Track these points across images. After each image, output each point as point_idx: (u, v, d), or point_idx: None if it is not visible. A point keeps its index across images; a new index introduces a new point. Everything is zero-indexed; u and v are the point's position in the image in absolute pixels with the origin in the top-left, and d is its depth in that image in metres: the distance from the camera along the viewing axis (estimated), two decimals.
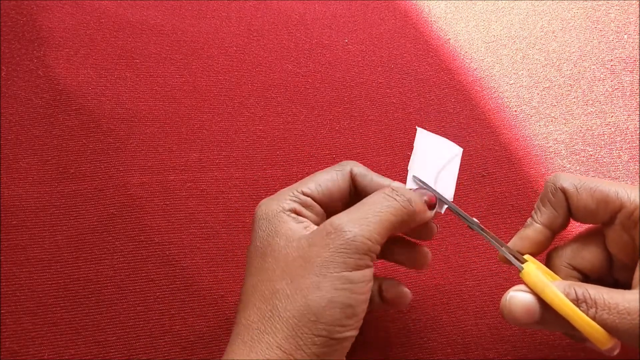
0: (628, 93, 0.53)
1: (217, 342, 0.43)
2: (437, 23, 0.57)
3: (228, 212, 0.48)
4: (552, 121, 0.52)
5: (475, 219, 0.36)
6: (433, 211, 0.36)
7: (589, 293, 0.31)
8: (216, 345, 0.43)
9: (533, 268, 0.33)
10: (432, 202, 0.36)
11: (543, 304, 0.32)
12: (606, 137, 0.51)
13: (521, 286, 0.33)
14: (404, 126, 0.52)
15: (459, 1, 0.58)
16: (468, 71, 0.55)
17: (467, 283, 0.45)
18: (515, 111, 0.52)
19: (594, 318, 0.30)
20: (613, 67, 0.54)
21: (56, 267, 0.45)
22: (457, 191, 0.37)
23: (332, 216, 0.33)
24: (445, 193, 0.37)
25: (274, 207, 0.34)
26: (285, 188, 0.36)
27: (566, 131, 0.51)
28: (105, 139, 0.50)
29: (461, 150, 0.38)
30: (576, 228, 0.43)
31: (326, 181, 0.36)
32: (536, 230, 0.35)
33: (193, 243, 0.46)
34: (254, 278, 0.33)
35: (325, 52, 0.56)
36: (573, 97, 0.53)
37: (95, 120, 0.51)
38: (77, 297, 0.44)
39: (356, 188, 0.36)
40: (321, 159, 0.50)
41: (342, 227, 0.31)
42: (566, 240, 0.37)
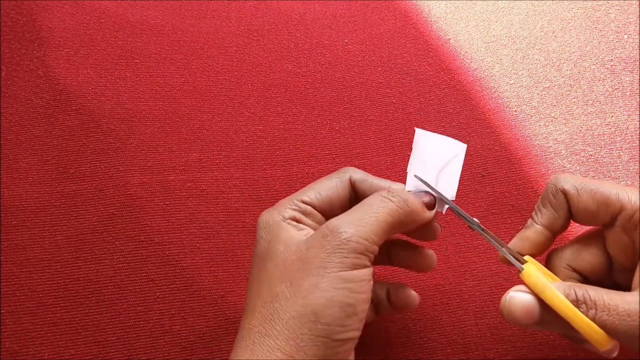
0: (628, 93, 0.53)
1: (217, 342, 0.43)
2: (437, 23, 0.57)
3: (228, 212, 0.48)
4: (552, 121, 0.52)
5: (475, 219, 0.36)
6: (433, 211, 0.36)
7: (589, 294, 0.31)
8: (216, 345, 0.43)
9: (533, 269, 0.33)
10: (431, 203, 0.36)
11: (543, 305, 0.32)
12: (606, 137, 0.51)
13: (521, 287, 0.33)
14: (404, 126, 0.52)
15: (459, 1, 0.58)
16: (468, 71, 0.55)
17: (467, 283, 0.45)
18: (515, 111, 0.52)
19: (594, 319, 0.30)
20: (613, 67, 0.54)
21: (56, 267, 0.45)
22: (457, 191, 0.37)
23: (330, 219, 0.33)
24: (446, 192, 0.37)
25: (275, 216, 0.34)
26: (285, 198, 0.36)
27: (566, 131, 0.51)
28: (105, 139, 0.50)
29: (465, 146, 0.38)
30: (576, 229, 0.43)
31: (326, 189, 0.36)
32: (536, 231, 0.35)
33: (193, 243, 0.46)
34: (255, 284, 0.33)
35: (325, 52, 0.56)
36: (573, 97, 0.53)
37: (95, 120, 0.51)
38: (77, 297, 0.44)
39: (356, 194, 0.37)
40: (321, 159, 0.50)
41: (338, 229, 0.31)
42: (566, 241, 0.37)
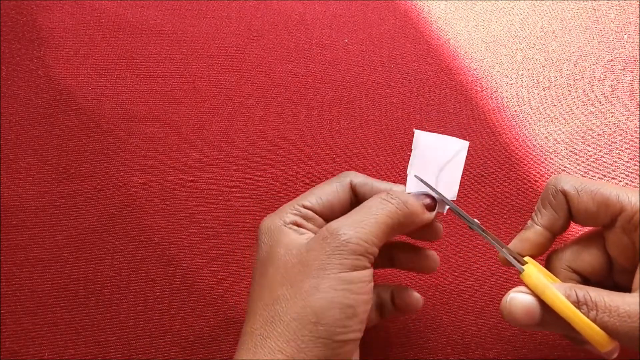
0: (628, 93, 0.53)
1: (217, 342, 0.43)
2: (437, 23, 0.57)
3: (228, 212, 0.48)
4: (552, 121, 0.52)
5: (476, 220, 0.36)
6: (433, 213, 0.36)
7: (590, 295, 0.31)
8: (216, 345, 0.43)
9: (534, 270, 0.33)
10: (431, 205, 0.36)
11: (543, 306, 0.32)
12: (606, 137, 0.51)
13: (522, 287, 0.33)
14: (404, 126, 0.52)
15: (459, 1, 0.58)
16: (468, 71, 0.55)
17: (467, 283, 0.45)
18: (515, 111, 0.52)
19: (595, 320, 0.30)
20: (613, 67, 0.54)
21: (56, 267, 0.45)
22: (458, 191, 0.37)
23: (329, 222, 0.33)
24: (448, 192, 0.37)
25: (276, 222, 0.35)
26: (286, 203, 0.36)
27: (566, 131, 0.51)
28: (105, 139, 0.50)
29: (467, 143, 0.38)
30: (576, 230, 0.43)
31: (326, 193, 0.36)
32: (536, 232, 0.35)
33: (193, 243, 0.46)
34: (257, 288, 0.33)
35: (325, 52, 0.56)
36: (573, 97, 0.53)
37: (95, 120, 0.51)
38: (77, 297, 0.44)
39: (357, 198, 0.37)
40: (321, 159, 0.50)
41: (338, 231, 0.32)
42: (566, 242, 0.37)
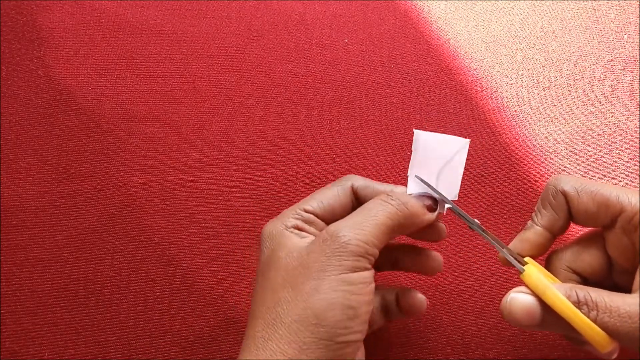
0: (628, 93, 0.53)
1: (217, 342, 0.43)
2: (437, 23, 0.57)
3: (228, 212, 0.48)
4: (552, 121, 0.52)
5: (476, 220, 0.36)
6: (434, 214, 0.36)
7: (590, 296, 0.31)
8: (216, 345, 0.43)
9: (534, 270, 0.33)
10: (432, 205, 0.36)
11: (544, 306, 0.32)
12: (606, 137, 0.51)
13: (522, 288, 0.33)
14: (404, 126, 0.52)
15: (459, 1, 0.58)
16: (468, 71, 0.55)
17: (467, 283, 0.45)
18: (515, 111, 0.52)
19: (595, 321, 0.30)
20: (613, 67, 0.54)
21: (56, 267, 0.45)
22: (459, 191, 0.37)
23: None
24: (449, 191, 0.37)
25: (278, 226, 0.35)
26: (288, 208, 0.36)
27: (566, 131, 0.51)
28: (105, 139, 0.50)
29: (467, 141, 0.37)
30: (576, 231, 0.43)
31: (328, 197, 0.36)
32: (536, 232, 0.35)
33: (193, 243, 0.46)
34: (259, 291, 0.34)
35: (325, 52, 0.56)
36: (573, 97, 0.53)
37: (95, 120, 0.51)
38: (77, 297, 0.44)
39: (359, 201, 0.37)
40: (321, 159, 0.50)
41: (337, 233, 0.32)
42: (566, 243, 0.37)
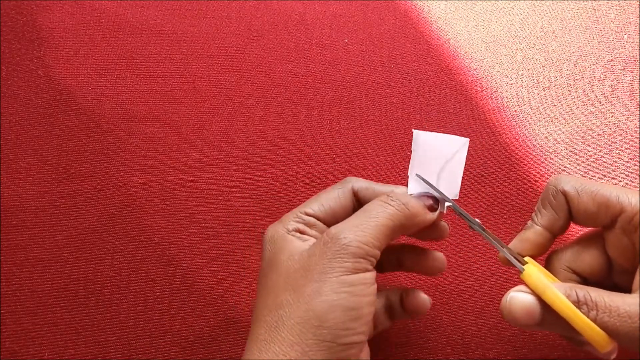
0: (628, 93, 0.53)
1: (217, 342, 0.43)
2: (437, 23, 0.57)
3: (228, 212, 0.48)
4: (552, 121, 0.52)
5: (476, 219, 0.36)
6: (435, 213, 0.36)
7: (590, 295, 0.31)
8: (216, 345, 0.43)
9: (534, 269, 0.33)
10: (433, 205, 0.36)
11: (543, 306, 0.32)
12: (606, 137, 0.51)
13: (522, 287, 0.33)
14: (404, 126, 0.52)
15: (459, 1, 0.58)
16: (468, 71, 0.55)
17: (467, 283, 0.45)
18: (515, 111, 0.52)
19: (595, 320, 0.30)
20: (613, 67, 0.54)
21: (56, 267, 0.45)
22: (459, 190, 0.37)
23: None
24: (449, 191, 0.37)
25: (279, 230, 0.35)
26: (289, 212, 0.36)
27: (566, 131, 0.51)
28: (105, 139, 0.50)
29: (467, 140, 0.37)
30: (576, 231, 0.43)
31: (328, 200, 0.36)
32: (536, 232, 0.35)
33: (193, 243, 0.46)
34: (261, 294, 0.34)
35: (325, 52, 0.56)
36: (573, 97, 0.53)
37: (95, 120, 0.51)
38: (77, 297, 0.44)
39: (360, 203, 0.37)
40: (321, 159, 0.50)
41: (338, 235, 0.32)
42: (566, 243, 0.37)
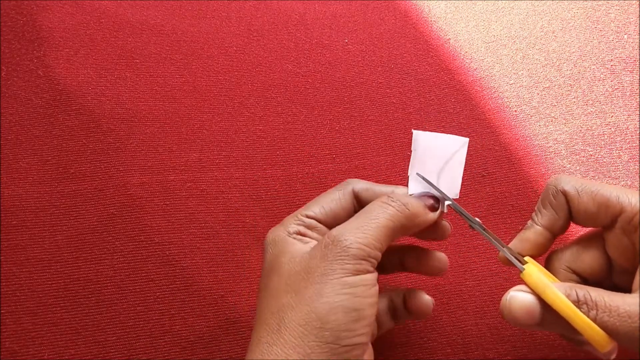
0: (628, 93, 0.53)
1: (217, 342, 0.43)
2: (437, 23, 0.57)
3: (228, 212, 0.48)
4: (552, 121, 0.52)
5: (477, 219, 0.36)
6: (436, 213, 0.36)
7: (590, 295, 0.31)
8: (216, 345, 0.43)
9: (534, 269, 0.33)
10: (434, 205, 0.36)
11: (543, 305, 0.32)
12: (606, 137, 0.51)
13: (522, 286, 0.33)
14: (404, 126, 0.52)
15: (459, 1, 0.58)
16: (468, 71, 0.55)
17: (467, 283, 0.45)
18: (515, 111, 0.52)
19: (595, 320, 0.30)
20: (613, 67, 0.54)
21: (56, 267, 0.45)
22: (460, 189, 0.37)
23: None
24: (450, 190, 0.37)
25: (280, 233, 0.35)
26: (290, 215, 0.36)
27: (566, 131, 0.51)
28: (105, 139, 0.50)
29: (466, 140, 0.37)
30: (576, 231, 0.43)
31: (329, 202, 0.36)
32: (536, 232, 0.35)
33: (193, 243, 0.46)
34: (263, 297, 0.34)
35: (325, 52, 0.56)
36: (573, 97, 0.53)
37: (95, 120, 0.51)
38: (77, 297, 0.44)
39: (360, 204, 0.37)
40: (321, 159, 0.50)
41: (339, 237, 0.32)
42: (566, 243, 0.37)
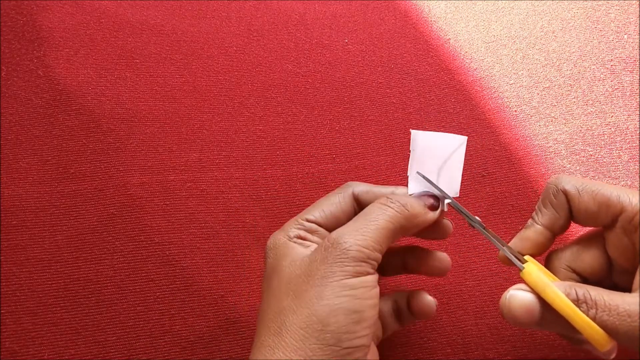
0: (628, 93, 0.53)
1: (217, 342, 0.43)
2: (437, 23, 0.57)
3: (228, 212, 0.48)
4: (552, 121, 0.52)
5: (477, 217, 0.36)
6: (436, 212, 0.36)
7: (590, 294, 0.31)
8: (216, 345, 0.43)
9: (534, 268, 0.33)
10: (434, 204, 0.36)
11: (543, 304, 0.32)
12: (606, 137, 0.51)
13: (521, 285, 0.33)
14: (404, 126, 0.52)
15: (459, 1, 0.58)
16: (468, 71, 0.55)
17: (467, 283, 0.45)
18: (515, 111, 0.52)
19: (594, 319, 0.30)
20: (613, 67, 0.54)
21: (56, 267, 0.45)
22: (459, 188, 0.37)
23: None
24: (449, 189, 0.37)
25: (281, 237, 0.35)
26: (290, 219, 0.37)
27: (566, 131, 0.51)
28: (105, 139, 0.50)
29: (464, 138, 0.37)
30: (576, 230, 0.43)
31: (329, 206, 0.36)
32: (537, 231, 0.35)
33: (193, 243, 0.46)
34: (264, 301, 0.34)
35: (325, 52, 0.56)
36: (573, 97, 0.53)
37: (95, 120, 0.51)
38: (77, 297, 0.44)
39: (361, 207, 0.37)
40: (321, 159, 0.50)
41: (338, 239, 0.32)
42: (566, 242, 0.37)
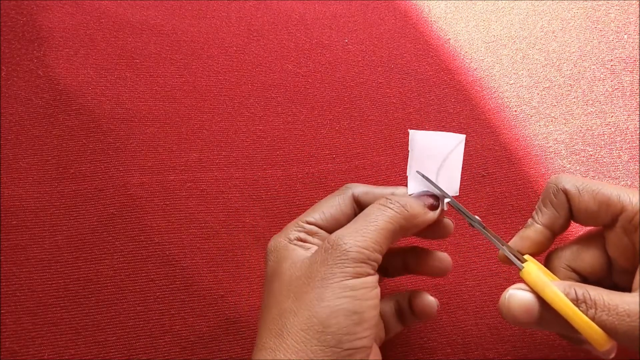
0: (628, 93, 0.53)
1: (217, 342, 0.43)
2: (437, 23, 0.57)
3: (228, 212, 0.48)
4: (552, 121, 0.52)
5: (477, 217, 0.36)
6: (436, 212, 0.36)
7: (589, 294, 0.31)
8: (216, 345, 0.43)
9: (534, 267, 0.33)
10: (434, 204, 0.36)
11: (542, 304, 0.32)
12: (606, 137, 0.51)
13: (521, 285, 0.33)
14: (404, 126, 0.52)
15: (459, 1, 0.58)
16: (468, 71, 0.55)
17: (467, 283, 0.45)
18: (515, 111, 0.52)
19: (593, 319, 0.30)
20: (613, 67, 0.54)
21: (56, 267, 0.45)
22: (459, 187, 0.37)
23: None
24: (449, 188, 0.37)
25: (281, 240, 0.35)
26: (291, 222, 0.37)
27: (566, 131, 0.51)
28: (105, 139, 0.50)
29: (463, 137, 0.37)
30: (576, 230, 0.43)
31: (329, 208, 0.36)
32: (537, 230, 0.35)
33: (193, 243, 0.46)
34: (265, 303, 0.34)
35: (325, 52, 0.56)
36: (573, 97, 0.53)
37: (95, 120, 0.51)
38: (77, 297, 0.44)
39: (361, 208, 0.37)
40: (321, 159, 0.50)
41: (338, 241, 0.32)
42: (566, 242, 0.37)
